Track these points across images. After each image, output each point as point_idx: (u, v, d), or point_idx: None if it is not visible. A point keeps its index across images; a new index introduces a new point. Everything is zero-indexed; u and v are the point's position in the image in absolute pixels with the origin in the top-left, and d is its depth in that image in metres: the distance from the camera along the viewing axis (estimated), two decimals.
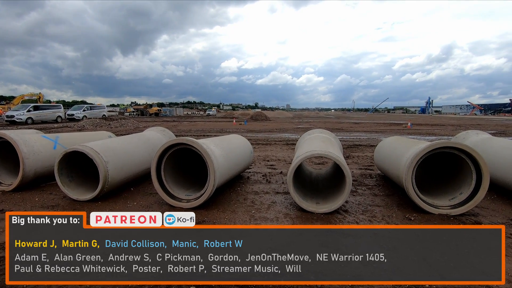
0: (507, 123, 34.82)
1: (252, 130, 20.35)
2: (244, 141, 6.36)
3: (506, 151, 5.10)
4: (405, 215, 4.06)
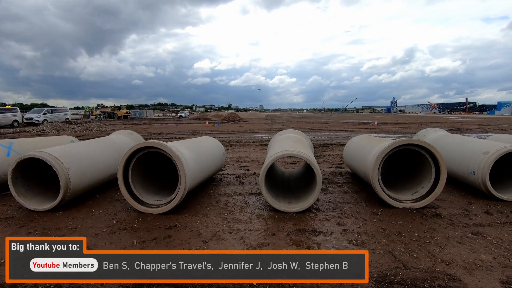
0: (462, 120, 37.75)
1: (225, 132, 20.22)
2: (216, 143, 6.28)
3: (460, 147, 5.51)
4: (373, 210, 4.23)
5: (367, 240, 3.28)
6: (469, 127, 23.52)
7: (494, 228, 3.60)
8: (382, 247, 3.11)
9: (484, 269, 2.69)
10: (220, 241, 3.29)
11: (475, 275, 2.59)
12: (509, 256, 2.92)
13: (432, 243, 3.21)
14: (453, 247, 3.11)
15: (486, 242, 3.22)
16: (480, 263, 2.79)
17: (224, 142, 12.87)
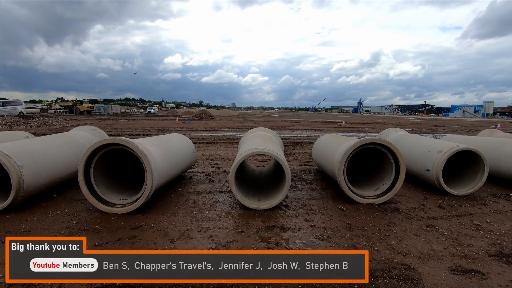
0: (421, 121, 40.54)
1: (196, 129, 19.86)
2: (185, 140, 6.15)
3: (418, 146, 5.92)
4: (339, 206, 4.40)
5: (332, 235, 3.41)
6: (426, 128, 25.31)
7: (445, 221, 3.92)
8: (346, 241, 3.26)
9: (435, 259, 2.92)
10: (188, 240, 3.23)
11: (428, 264, 2.80)
12: (457, 246, 3.19)
13: (391, 236, 3.41)
14: (410, 239, 3.34)
15: (438, 234, 3.50)
16: (432, 253, 3.02)
17: (194, 140, 12.64)
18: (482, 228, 3.69)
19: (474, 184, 5.09)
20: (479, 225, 3.78)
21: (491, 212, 4.28)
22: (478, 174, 5.10)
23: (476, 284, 2.50)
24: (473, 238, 3.40)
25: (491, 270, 2.73)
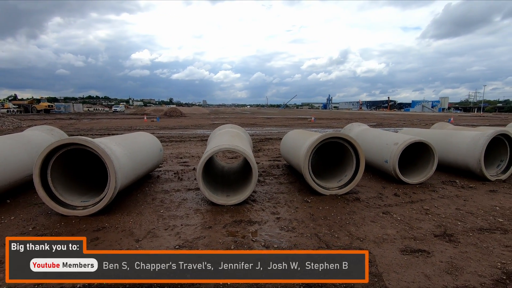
0: (384, 116, 42.86)
1: (166, 127, 19.37)
2: (152, 139, 6.01)
3: (377, 139, 6.31)
4: (304, 198, 4.59)
5: (297, 226, 3.57)
6: (389, 122, 26.84)
7: (400, 207, 4.26)
8: (310, 231, 3.43)
9: (389, 242, 3.18)
10: (155, 238, 3.21)
11: (381, 247, 3.05)
12: (408, 229, 3.49)
13: (351, 224, 3.65)
14: (367, 226, 3.59)
15: (393, 219, 3.80)
16: (386, 237, 3.28)
17: (163, 138, 12.35)
18: (431, 212, 4.06)
19: (426, 173, 5.55)
20: (428, 210, 4.15)
21: (439, 198, 4.71)
22: (429, 163, 5.57)
23: (422, 262, 2.77)
24: (422, 222, 3.73)
25: (435, 248, 3.03)
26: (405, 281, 2.47)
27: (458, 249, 3.03)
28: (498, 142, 5.97)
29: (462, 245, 3.12)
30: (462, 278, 2.51)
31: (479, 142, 5.67)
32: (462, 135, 6.25)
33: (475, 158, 5.67)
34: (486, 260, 2.82)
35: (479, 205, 4.37)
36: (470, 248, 3.05)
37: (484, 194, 4.97)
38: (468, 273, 2.59)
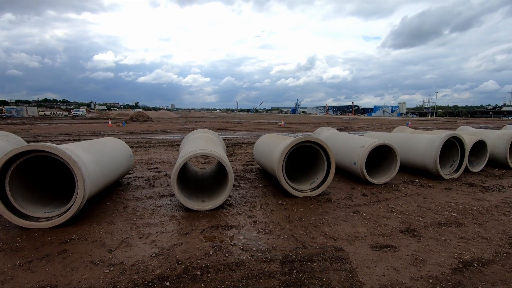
0: (350, 120, 44.98)
1: (133, 132, 18.60)
2: (121, 144, 5.77)
3: (346, 142, 6.64)
4: (279, 201, 4.69)
5: (274, 228, 3.64)
6: (354, 126, 28.22)
7: (368, 206, 4.52)
8: (286, 232, 3.52)
9: (360, 239, 3.37)
10: (129, 247, 3.09)
11: (354, 245, 3.22)
12: (376, 227, 3.73)
13: (325, 224, 3.80)
14: (340, 225, 3.77)
15: (362, 218, 4.03)
16: (357, 235, 3.47)
17: (131, 144, 11.87)
18: (396, 210, 4.36)
19: (390, 173, 5.94)
20: (393, 208, 4.45)
21: (402, 196, 5.08)
22: (392, 165, 5.97)
23: (390, 256, 2.98)
24: (389, 219, 4.00)
25: (401, 243, 3.27)
26: (376, 275, 2.64)
27: (420, 242, 3.30)
28: (451, 144, 6.59)
29: (424, 239, 3.40)
30: (425, 269, 2.75)
31: (435, 144, 6.21)
32: (420, 138, 6.80)
33: (431, 159, 6.20)
34: (445, 251, 3.10)
35: (437, 202, 4.78)
36: (431, 241, 3.34)
37: (440, 191, 5.44)
38: (430, 264, 2.83)
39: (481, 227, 3.76)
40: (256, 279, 2.54)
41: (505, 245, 3.27)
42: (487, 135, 7.94)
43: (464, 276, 2.63)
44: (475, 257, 2.97)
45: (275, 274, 2.62)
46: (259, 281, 2.51)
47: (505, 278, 2.61)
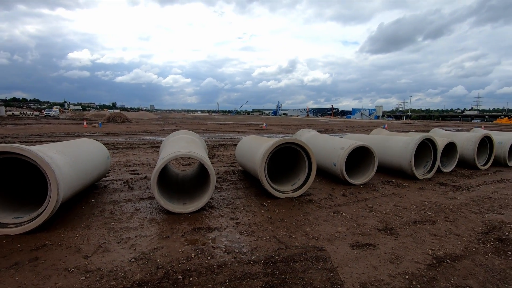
0: (329, 123, 45.96)
1: (110, 133, 17.97)
2: (97, 146, 5.56)
3: (326, 144, 6.78)
4: (261, 202, 4.70)
5: (256, 229, 3.64)
6: (334, 128, 28.87)
7: (348, 206, 4.63)
8: (268, 233, 3.53)
9: (340, 239, 3.44)
10: (106, 253, 2.98)
11: (334, 244, 3.29)
12: (356, 226, 3.83)
13: (306, 224, 3.85)
14: (321, 225, 3.83)
15: (342, 218, 4.12)
16: (338, 234, 3.55)
17: (108, 145, 11.47)
18: (374, 209, 4.50)
19: (368, 174, 6.13)
20: (371, 207, 4.59)
21: (380, 196, 5.25)
22: (370, 165, 6.16)
23: (369, 255, 3.07)
24: (367, 218, 4.12)
25: (380, 241, 3.38)
26: (356, 273, 2.71)
27: (397, 240, 3.42)
28: (424, 145, 6.90)
29: (400, 237, 3.53)
30: (402, 266, 2.85)
31: (410, 146, 6.48)
32: (396, 140, 7.07)
33: (407, 160, 6.46)
34: (420, 248, 3.24)
35: (412, 201, 4.98)
36: (407, 239, 3.47)
37: (415, 191, 5.68)
38: (407, 261, 2.95)
39: (453, 224, 3.96)
40: (239, 281, 2.53)
41: (474, 241, 3.47)
42: (457, 137, 8.39)
43: (438, 272, 2.76)
44: (447, 253, 3.13)
45: (258, 275, 2.62)
46: (242, 283, 2.50)
47: (475, 272, 2.77)
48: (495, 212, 4.51)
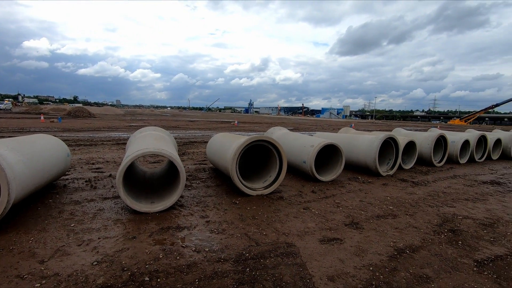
0: (300, 121, 46.99)
1: (71, 129, 16.81)
2: (55, 142, 5.16)
3: (297, 142, 6.91)
4: (232, 200, 4.68)
5: (227, 227, 3.62)
6: (304, 127, 29.57)
7: (317, 203, 4.76)
8: (239, 231, 3.52)
9: (310, 234, 3.53)
10: (65, 256, 2.78)
11: (304, 239, 3.36)
12: (324, 222, 3.95)
13: (277, 221, 3.90)
14: (291, 221, 3.90)
15: (312, 214, 4.23)
16: (307, 230, 3.63)
17: (69, 142, 10.74)
18: (341, 205, 4.67)
19: (336, 171, 6.35)
20: (339, 203, 4.76)
21: (347, 192, 5.47)
22: (338, 163, 6.39)
23: (337, 248, 3.18)
24: (335, 214, 4.27)
25: (346, 236, 3.52)
26: (324, 267, 2.79)
27: (362, 234, 3.59)
28: (387, 144, 7.30)
29: (365, 230, 3.70)
30: (366, 258, 2.99)
31: (374, 144, 6.81)
32: (362, 139, 7.40)
33: (371, 157, 6.79)
34: (382, 241, 3.42)
35: (376, 196, 5.25)
36: (371, 232, 3.65)
37: (379, 187, 6.00)
38: (371, 253, 3.10)
39: (412, 218, 4.23)
40: (209, 280, 2.49)
41: (430, 232, 3.74)
42: (416, 137, 8.98)
43: (399, 262, 2.93)
44: (407, 245, 3.34)
45: (228, 273, 2.60)
46: (212, 282, 2.46)
47: (431, 262, 2.98)
48: (448, 206, 4.90)
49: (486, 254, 3.20)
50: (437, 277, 2.71)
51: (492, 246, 3.41)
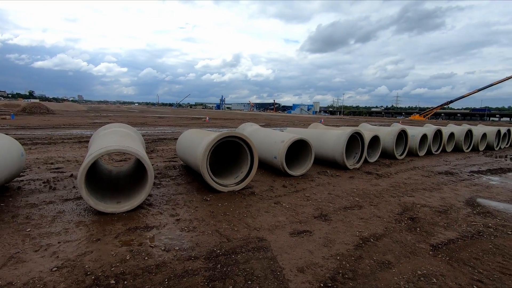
0: (272, 117, 47.45)
1: (26, 127, 15.51)
2: (7, 140, 4.72)
3: (268, 138, 6.97)
4: (203, 197, 4.62)
5: (198, 225, 3.57)
6: (275, 122, 29.91)
7: (287, 197, 4.86)
8: (211, 228, 3.49)
9: (280, 228, 3.59)
10: (21, 264, 2.57)
11: (275, 233, 3.42)
12: (294, 215, 4.04)
13: (248, 216, 3.92)
14: (262, 216, 3.94)
15: (282, 208, 4.31)
16: (278, 224, 3.70)
17: (24, 140, 9.93)
18: (311, 198, 4.81)
19: (306, 165, 6.51)
20: (309, 197, 4.90)
21: (316, 186, 5.64)
22: (308, 157, 6.56)
23: (306, 241, 3.27)
24: (305, 207, 4.38)
25: (315, 228, 3.63)
26: (294, 259, 2.86)
27: (331, 225, 3.72)
28: (354, 138, 7.62)
29: (333, 222, 3.85)
30: (334, 248, 3.11)
31: (341, 139, 7.08)
32: (330, 134, 7.65)
33: (339, 151, 7.05)
34: (349, 231, 3.58)
35: (343, 189, 5.47)
36: (339, 223, 3.80)
37: (346, 180, 6.25)
38: (338, 244, 3.23)
39: (376, 208, 4.47)
40: (179, 279, 2.45)
41: (392, 221, 3.98)
42: (380, 131, 9.48)
43: (364, 251, 3.09)
44: (371, 234, 3.52)
45: (199, 271, 2.57)
46: (182, 281, 2.42)
47: (392, 248, 3.18)
48: (408, 195, 5.25)
49: (440, 239, 3.48)
50: (398, 262, 2.89)
51: (445, 231, 3.71)
